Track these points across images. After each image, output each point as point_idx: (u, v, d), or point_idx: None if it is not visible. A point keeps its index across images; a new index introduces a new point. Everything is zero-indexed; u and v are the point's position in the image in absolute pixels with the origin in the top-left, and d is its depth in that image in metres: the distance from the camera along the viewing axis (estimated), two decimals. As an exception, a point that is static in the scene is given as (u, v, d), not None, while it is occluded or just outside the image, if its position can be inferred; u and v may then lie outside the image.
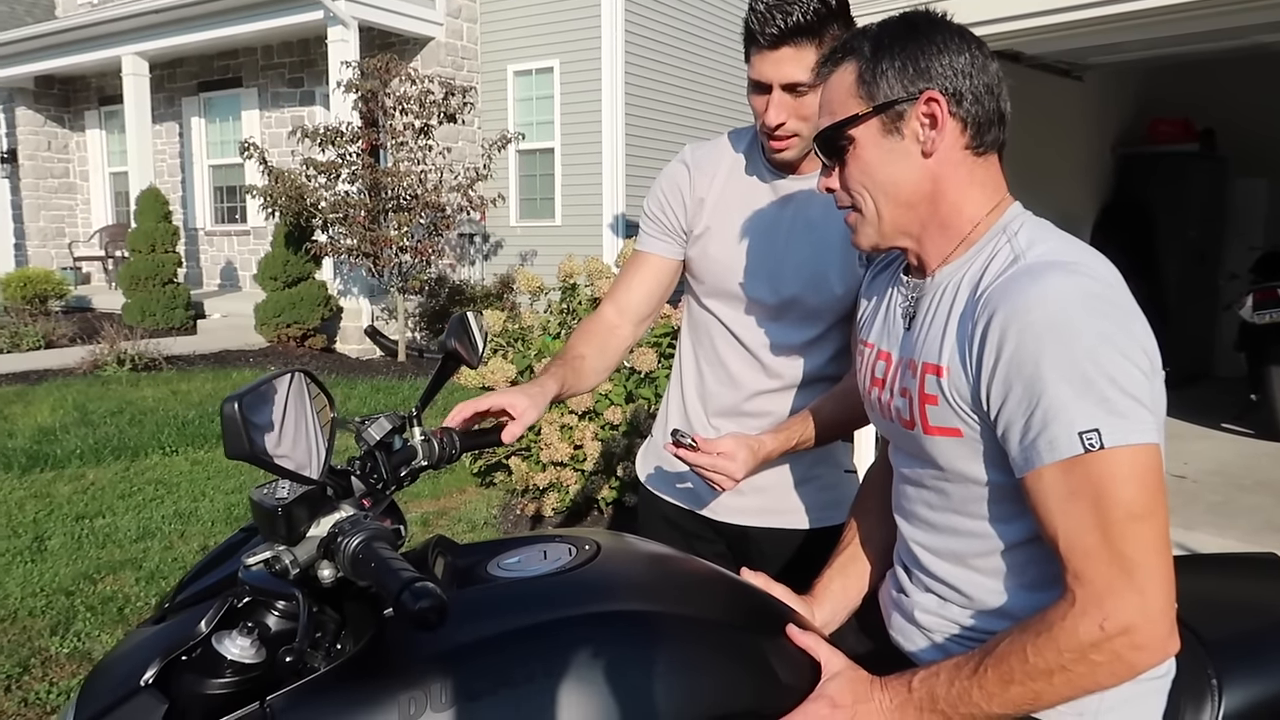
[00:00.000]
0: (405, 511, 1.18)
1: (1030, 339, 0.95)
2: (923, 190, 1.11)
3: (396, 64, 8.94)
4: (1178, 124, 7.51)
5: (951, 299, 1.09)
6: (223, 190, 12.93)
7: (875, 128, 1.10)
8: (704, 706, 1.01)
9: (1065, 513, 0.95)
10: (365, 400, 7.33)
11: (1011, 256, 1.05)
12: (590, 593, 1.07)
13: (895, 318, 1.21)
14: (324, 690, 0.94)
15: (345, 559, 0.92)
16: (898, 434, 1.19)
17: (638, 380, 4.46)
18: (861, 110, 1.10)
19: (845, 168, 1.14)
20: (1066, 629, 0.94)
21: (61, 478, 5.14)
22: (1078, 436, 0.93)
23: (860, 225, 1.16)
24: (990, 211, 1.11)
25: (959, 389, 1.05)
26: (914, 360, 1.12)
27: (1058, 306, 0.96)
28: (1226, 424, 5.93)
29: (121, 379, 7.84)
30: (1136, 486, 0.93)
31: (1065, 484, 0.95)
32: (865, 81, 1.10)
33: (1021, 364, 0.96)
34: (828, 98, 1.15)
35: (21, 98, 13.64)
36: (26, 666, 2.93)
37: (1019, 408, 0.97)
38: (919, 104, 1.08)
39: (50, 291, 11.20)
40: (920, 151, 1.09)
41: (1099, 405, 0.93)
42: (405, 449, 1.21)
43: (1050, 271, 0.99)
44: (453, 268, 10.27)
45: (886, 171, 1.11)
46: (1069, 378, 0.93)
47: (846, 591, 1.37)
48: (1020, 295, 0.98)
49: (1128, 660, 0.94)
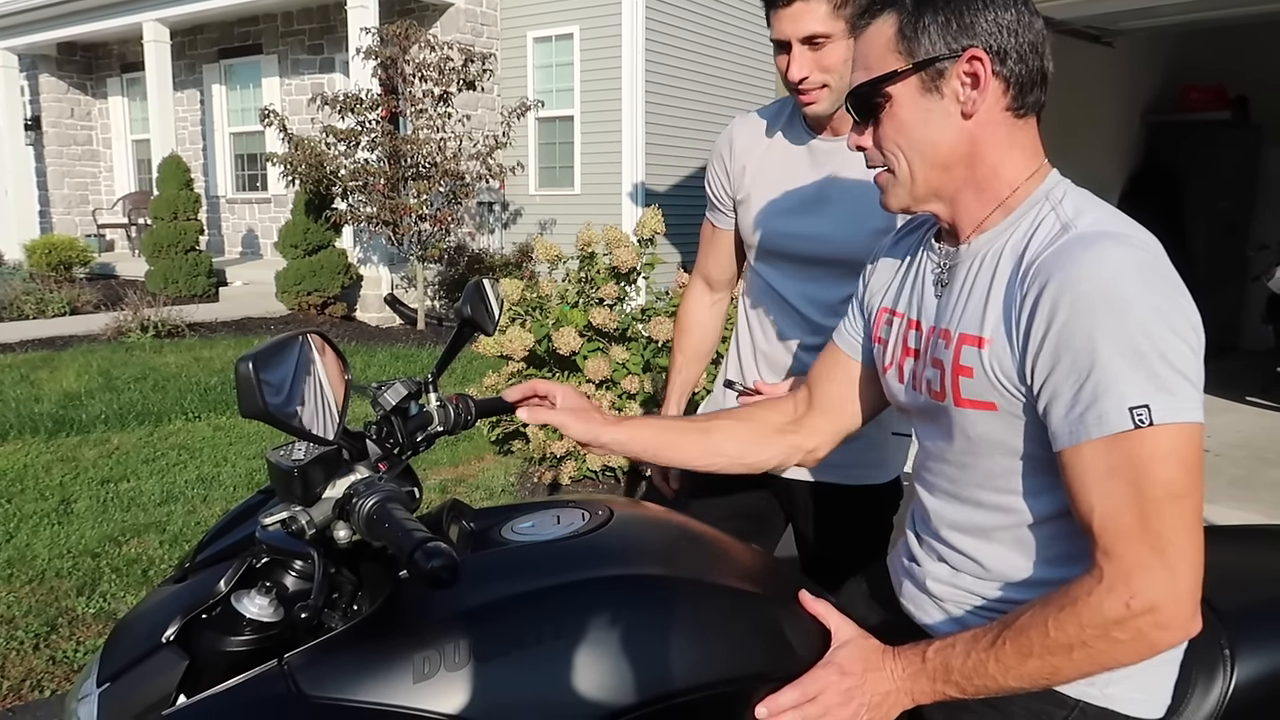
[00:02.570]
0: (424, 479, 1.19)
1: (1083, 309, 0.92)
2: (959, 152, 1.06)
3: (416, 30, 8.88)
4: (1210, 91, 7.36)
5: (993, 268, 1.05)
6: (243, 158, 12.96)
7: (914, 85, 1.05)
8: (714, 670, 1.02)
9: (1103, 489, 0.93)
10: (385, 368, 7.37)
11: (1059, 225, 1.01)
12: (602, 557, 1.07)
13: (924, 285, 1.17)
14: (340, 648, 0.95)
15: (360, 519, 0.93)
16: (925, 406, 1.15)
17: (655, 349, 4.46)
18: (901, 67, 1.05)
19: (880, 126, 1.09)
20: (1092, 604, 0.93)
21: (87, 442, 5.22)
22: (1128, 412, 0.91)
23: (892, 186, 1.11)
24: (1030, 177, 1.07)
25: (1001, 362, 1.01)
26: (949, 330, 1.09)
27: (1111, 277, 0.93)
28: (1252, 397, 5.87)
29: (145, 345, 7.93)
30: (1179, 465, 0.91)
31: (1107, 459, 0.92)
32: (906, 36, 1.04)
33: (1073, 335, 0.93)
34: (863, 51, 1.09)
35: (44, 65, 13.69)
36: (54, 626, 2.99)
37: (1067, 379, 0.94)
38: (961, 62, 1.03)
39: (75, 258, 11.31)
40: (960, 112, 1.04)
41: (1150, 381, 0.91)
42: (421, 414, 1.21)
43: (1103, 241, 0.96)
44: (472, 236, 10.27)
45: (923, 131, 1.06)
46: (1122, 351, 0.91)
47: (647, 446, 1.32)
48: (1073, 265, 0.95)
49: (1150, 639, 0.93)
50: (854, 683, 1.05)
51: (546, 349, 4.41)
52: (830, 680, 1.05)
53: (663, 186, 10.27)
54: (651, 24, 9.97)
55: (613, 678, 0.95)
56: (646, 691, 0.96)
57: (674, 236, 6.99)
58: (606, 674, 0.95)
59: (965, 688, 1.00)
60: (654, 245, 4.57)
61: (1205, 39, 6.66)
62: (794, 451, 1.38)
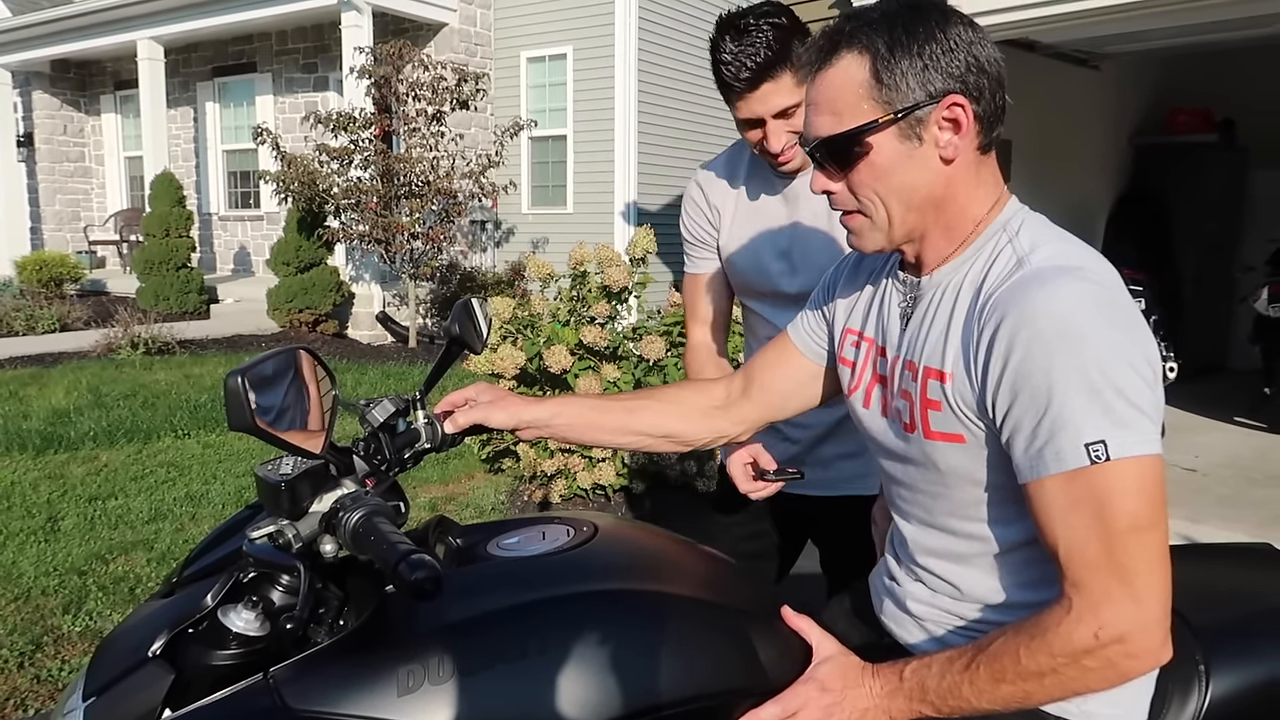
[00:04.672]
0: (414, 496, 1.20)
1: (1039, 347, 0.94)
2: (936, 194, 1.06)
3: (410, 50, 8.94)
4: (1197, 114, 7.45)
5: (953, 301, 1.06)
6: (236, 175, 12.98)
7: (893, 134, 1.02)
8: (696, 685, 1.03)
9: (1067, 522, 0.94)
10: (376, 386, 7.37)
11: (1014, 259, 1.02)
12: (586, 573, 1.08)
13: (890, 312, 1.17)
14: (325, 662, 0.96)
15: (346, 533, 0.94)
16: (894, 435, 1.15)
17: (646, 368, 4.47)
18: (881, 116, 1.02)
19: (854, 173, 1.06)
20: (1061, 634, 0.94)
21: (75, 459, 5.20)
22: (1084, 448, 0.92)
23: (867, 230, 1.09)
24: (990, 209, 1.08)
25: (963, 395, 1.02)
26: (914, 362, 1.09)
27: (1065, 313, 0.94)
28: (1240, 417, 5.91)
29: (135, 362, 7.91)
30: (1139, 498, 0.92)
31: (1068, 494, 0.94)
32: (883, 83, 1.01)
33: (1030, 372, 0.94)
34: (828, 95, 1.05)
35: (38, 81, 13.71)
36: (39, 644, 2.97)
37: (1025, 415, 0.95)
38: (940, 108, 1.01)
39: (65, 275, 11.28)
40: (940, 156, 1.03)
41: (1105, 416, 0.92)
42: (409, 431, 1.22)
43: (1058, 277, 0.96)
44: (464, 254, 10.29)
45: (901, 177, 1.04)
46: (1077, 387, 0.92)
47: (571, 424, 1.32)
48: (1028, 302, 0.96)
49: (1120, 667, 0.94)
50: (834, 699, 1.06)
51: (538, 367, 4.42)
52: (810, 696, 1.06)
53: (655, 205, 10.32)
54: (644, 44, 10.05)
55: (595, 692, 0.96)
56: (628, 705, 0.97)
57: (666, 256, 7.01)
58: (589, 688, 0.96)
59: (940, 708, 1.01)
60: (646, 264, 4.59)
61: (1192, 63, 6.74)
62: (718, 435, 1.41)
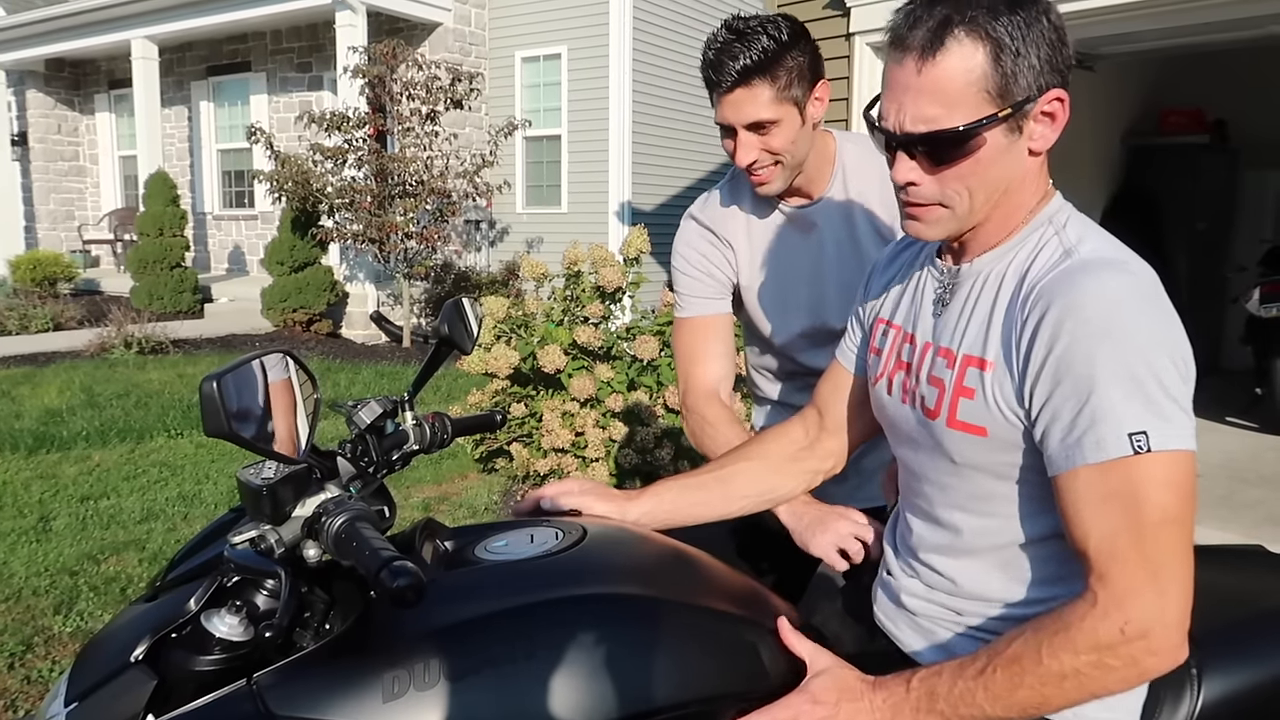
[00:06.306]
0: (407, 496, 1.19)
1: (1084, 336, 0.93)
2: (1013, 185, 1.03)
3: (404, 49, 8.93)
4: (1189, 115, 7.46)
5: (995, 289, 1.05)
6: (231, 175, 12.94)
7: (1002, 128, 0.99)
8: (684, 690, 1.02)
9: (1100, 512, 0.93)
10: (369, 385, 7.35)
11: (1061, 250, 1.01)
12: (575, 576, 1.07)
13: (924, 301, 1.16)
14: (309, 668, 0.95)
15: (329, 538, 0.94)
16: (913, 422, 1.14)
17: (640, 368, 4.47)
18: (998, 111, 0.97)
19: (952, 166, 1.01)
20: (1086, 630, 0.92)
21: (67, 459, 5.18)
22: (1127, 438, 0.91)
23: (943, 220, 1.05)
24: (1040, 200, 1.07)
25: (1001, 386, 1.01)
26: (950, 349, 1.08)
27: (1113, 304, 0.94)
28: (1232, 418, 5.91)
29: (128, 362, 7.88)
30: (1174, 492, 0.92)
31: (1104, 484, 0.93)
32: (1004, 76, 0.96)
33: (1073, 360, 0.93)
34: (939, 85, 0.97)
35: (32, 80, 13.66)
36: (30, 645, 2.96)
37: (1066, 403, 0.95)
38: (1043, 101, 0.99)
39: (59, 274, 11.26)
40: (1028, 148, 1.01)
41: (1148, 408, 0.91)
42: (397, 433, 1.22)
43: (1105, 269, 0.96)
44: (459, 254, 10.28)
45: (998, 169, 1.01)
46: (1121, 377, 0.92)
47: (674, 509, 1.32)
48: (1075, 290, 0.95)
49: (1141, 666, 0.93)
50: (827, 712, 1.03)
51: (531, 367, 4.41)
52: (802, 708, 1.04)
53: (649, 205, 10.31)
54: (639, 44, 10.04)
55: (583, 697, 0.95)
56: (617, 710, 0.96)
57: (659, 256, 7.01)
58: (577, 693, 0.95)
59: (950, 716, 0.98)
60: (639, 264, 4.59)
61: (1184, 64, 6.75)
62: (814, 476, 1.39)
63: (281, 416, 0.97)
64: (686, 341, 1.72)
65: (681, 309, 1.73)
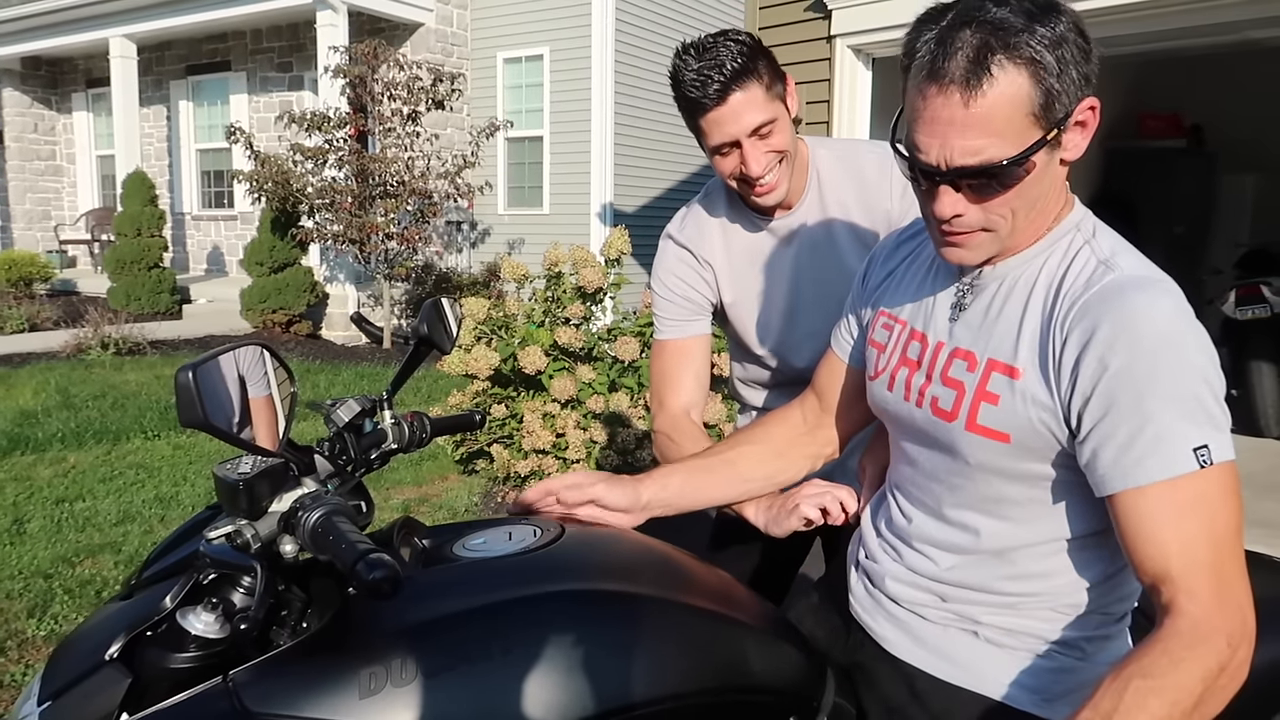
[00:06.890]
0: (387, 497, 1.19)
1: (1143, 354, 0.93)
2: (1047, 194, 1.02)
3: (385, 50, 8.89)
4: (1167, 119, 7.55)
5: (1025, 295, 1.04)
6: (210, 175, 12.85)
7: (1048, 148, 0.96)
8: (663, 685, 1.02)
9: (1179, 528, 0.92)
10: (349, 386, 7.31)
11: (1096, 262, 1.00)
12: (552, 573, 1.07)
13: (937, 300, 1.14)
14: (286, 664, 0.95)
15: (305, 533, 0.93)
16: (921, 421, 1.12)
17: (621, 369, 4.47)
18: (1048, 134, 0.94)
19: (1003, 194, 0.97)
20: (1200, 656, 0.88)
21: (42, 461, 5.12)
22: (1193, 453, 0.92)
23: (985, 244, 1.02)
24: (1062, 206, 1.06)
25: (1036, 396, 1.00)
26: (972, 353, 1.06)
27: (1168, 323, 0.94)
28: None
29: (105, 363, 7.81)
30: (1236, 502, 0.93)
31: (1176, 500, 0.92)
32: (1049, 95, 0.93)
33: (1134, 379, 0.93)
34: (987, 116, 0.92)
35: (8, 79, 13.51)
36: (2, 648, 2.92)
37: (1124, 423, 0.94)
38: (1078, 111, 0.96)
39: (35, 274, 11.14)
40: (1061, 157, 0.99)
41: (1208, 421, 0.93)
42: (375, 432, 1.21)
43: (1152, 288, 0.97)
44: (440, 255, 10.24)
45: (1040, 186, 0.99)
46: (1182, 395, 0.92)
47: (682, 490, 1.32)
48: (1126, 309, 0.95)
49: (1238, 679, 0.90)
50: None
51: (512, 368, 4.40)
52: None
53: (631, 207, 10.32)
54: (621, 45, 10.05)
55: (561, 693, 0.95)
56: (595, 707, 0.96)
57: (641, 257, 7.02)
58: (554, 689, 0.95)
59: None
60: (620, 265, 4.59)
61: (1162, 69, 6.82)
62: (815, 460, 1.40)
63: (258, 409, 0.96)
64: (660, 365, 1.74)
65: (660, 332, 1.75)
